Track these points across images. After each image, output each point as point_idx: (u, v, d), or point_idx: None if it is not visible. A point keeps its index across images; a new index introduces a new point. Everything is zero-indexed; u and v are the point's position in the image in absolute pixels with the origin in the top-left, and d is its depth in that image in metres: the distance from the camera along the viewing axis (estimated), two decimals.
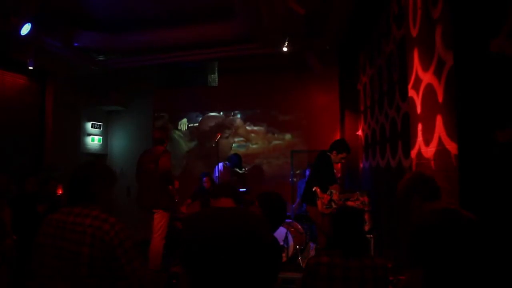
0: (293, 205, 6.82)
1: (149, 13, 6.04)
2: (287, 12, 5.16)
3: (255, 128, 8.28)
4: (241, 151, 8.05)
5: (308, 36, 6.40)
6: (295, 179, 7.34)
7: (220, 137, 6.44)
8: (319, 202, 4.91)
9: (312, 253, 5.88)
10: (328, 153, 5.17)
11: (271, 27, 5.74)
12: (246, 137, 8.30)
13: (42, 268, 1.89)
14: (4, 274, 3.79)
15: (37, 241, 1.94)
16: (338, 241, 2.31)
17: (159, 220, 4.91)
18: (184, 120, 8.62)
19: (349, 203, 5.21)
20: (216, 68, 8.16)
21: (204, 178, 6.44)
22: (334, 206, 4.88)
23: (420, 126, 3.42)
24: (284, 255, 5.46)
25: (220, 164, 6.63)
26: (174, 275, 4.32)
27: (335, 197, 4.95)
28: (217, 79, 8.16)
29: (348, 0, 5.11)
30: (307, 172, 6.99)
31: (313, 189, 4.95)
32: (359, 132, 7.14)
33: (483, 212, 2.26)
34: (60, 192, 5.57)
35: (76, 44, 6.38)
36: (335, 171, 5.38)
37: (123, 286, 1.84)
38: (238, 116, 8.38)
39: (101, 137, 8.59)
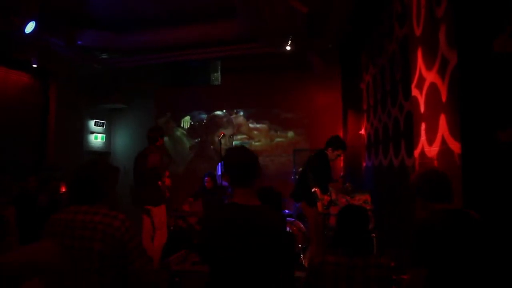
0: (297, 204, 6.81)
1: (151, 12, 6.06)
2: (288, 11, 5.16)
3: (258, 125, 8.29)
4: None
5: (310, 36, 6.40)
6: (297, 177, 7.35)
7: (223, 135, 6.44)
8: (319, 204, 4.82)
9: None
10: (325, 151, 5.14)
11: (272, 27, 5.73)
12: (249, 135, 8.31)
13: None
14: None
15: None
16: (343, 239, 2.30)
17: (158, 216, 4.97)
18: (187, 117, 8.63)
19: (353, 201, 5.21)
20: (219, 67, 8.17)
21: (206, 178, 6.43)
22: (335, 203, 4.88)
23: (423, 125, 3.41)
24: None
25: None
26: (177, 273, 4.33)
27: (333, 197, 4.92)
28: (220, 77, 8.17)
29: (348, 0, 5.09)
30: None
31: (313, 190, 4.88)
32: (362, 131, 7.13)
33: (486, 211, 2.25)
34: (63, 190, 5.59)
35: (79, 43, 6.40)
36: (331, 169, 5.34)
37: (131, 282, 1.86)
38: (241, 113, 8.40)
39: (104, 135, 8.60)
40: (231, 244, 1.88)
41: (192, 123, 8.60)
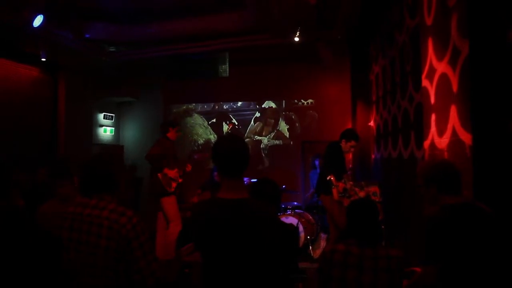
0: (307, 195, 6.83)
1: (158, 4, 6.04)
2: (296, 2, 5.13)
3: (267, 118, 8.29)
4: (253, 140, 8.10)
5: (319, 27, 6.35)
6: (305, 169, 7.37)
7: (231, 128, 6.44)
8: (334, 191, 4.93)
9: (323, 243, 5.89)
10: (339, 143, 5.22)
11: (281, 18, 5.70)
12: (257, 127, 8.31)
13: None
14: None
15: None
16: (353, 230, 2.31)
17: (165, 207, 5.06)
18: (196, 110, 8.66)
19: (361, 194, 5.21)
20: (227, 59, 8.15)
21: (215, 172, 6.45)
22: (348, 193, 4.93)
23: (433, 117, 3.37)
24: None
25: None
26: (187, 264, 4.36)
27: (348, 186, 4.99)
28: (228, 70, 8.15)
29: None
30: (317, 162, 6.99)
31: (328, 178, 4.96)
32: (371, 123, 7.09)
33: (497, 204, 2.23)
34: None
35: (87, 36, 6.41)
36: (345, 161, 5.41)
37: (137, 279, 1.85)
38: (250, 106, 8.40)
39: (113, 128, 8.65)
40: (220, 243, 1.84)
41: (200, 116, 8.63)
